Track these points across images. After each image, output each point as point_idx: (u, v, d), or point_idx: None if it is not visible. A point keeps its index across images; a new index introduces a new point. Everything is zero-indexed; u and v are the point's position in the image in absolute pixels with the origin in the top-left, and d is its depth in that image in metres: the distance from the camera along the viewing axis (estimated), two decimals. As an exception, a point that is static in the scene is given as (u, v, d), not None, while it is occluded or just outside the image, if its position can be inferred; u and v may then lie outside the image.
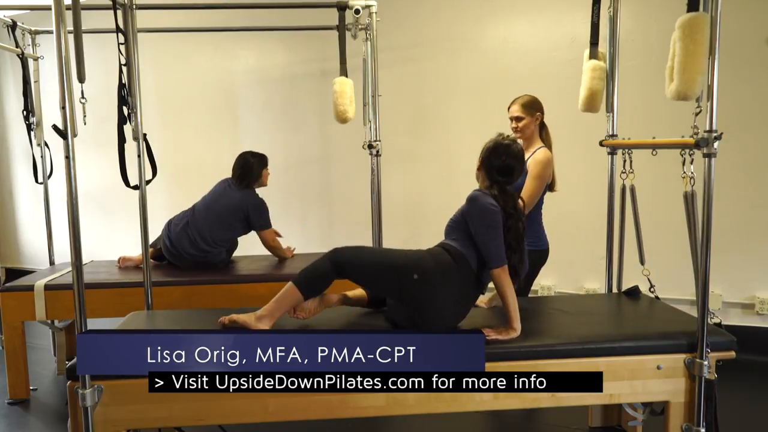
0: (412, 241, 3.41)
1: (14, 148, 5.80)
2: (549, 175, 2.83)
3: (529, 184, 2.80)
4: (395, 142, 4.28)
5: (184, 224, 3.34)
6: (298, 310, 2.21)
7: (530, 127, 2.89)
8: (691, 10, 1.92)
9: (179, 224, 3.37)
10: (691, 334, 2.07)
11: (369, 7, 3.26)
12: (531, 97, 2.91)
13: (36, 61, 3.79)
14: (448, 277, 2.11)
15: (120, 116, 2.54)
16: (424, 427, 2.85)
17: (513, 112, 2.92)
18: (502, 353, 2.04)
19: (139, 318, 2.51)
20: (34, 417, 3.01)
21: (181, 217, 3.42)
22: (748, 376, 3.32)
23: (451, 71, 4.32)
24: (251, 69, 4.93)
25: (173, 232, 3.35)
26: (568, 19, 3.94)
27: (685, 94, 1.91)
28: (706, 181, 1.93)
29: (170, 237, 3.35)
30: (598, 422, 2.77)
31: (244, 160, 3.43)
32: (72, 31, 1.98)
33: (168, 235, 3.37)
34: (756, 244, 3.61)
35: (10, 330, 3.07)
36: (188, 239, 3.31)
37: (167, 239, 3.36)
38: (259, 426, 2.45)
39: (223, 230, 3.35)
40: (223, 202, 3.38)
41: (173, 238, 3.33)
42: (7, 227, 5.98)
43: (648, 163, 2.68)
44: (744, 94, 3.50)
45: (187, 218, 3.37)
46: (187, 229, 3.33)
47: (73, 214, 1.89)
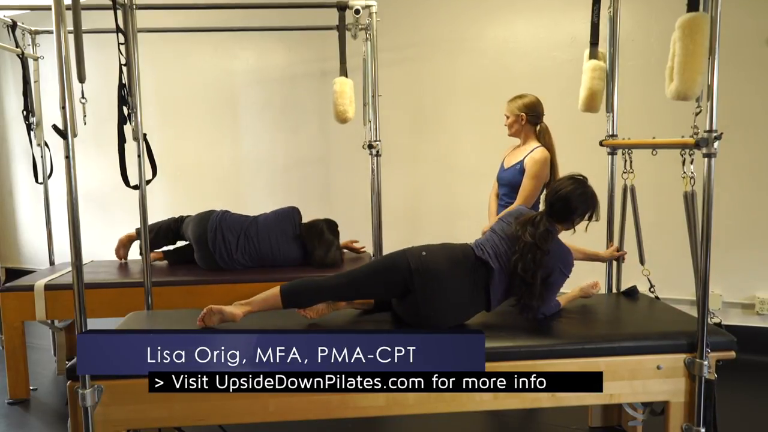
0: (412, 241, 3.40)
1: (14, 148, 5.79)
2: (546, 174, 2.86)
3: (526, 183, 2.84)
4: (395, 142, 4.28)
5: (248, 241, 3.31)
6: (307, 310, 2.24)
7: (514, 127, 2.97)
8: (691, 10, 1.92)
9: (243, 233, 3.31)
10: (691, 334, 2.07)
11: (369, 7, 3.26)
12: (523, 98, 2.95)
13: (36, 61, 3.79)
14: (460, 270, 2.14)
15: (120, 116, 2.54)
16: (424, 427, 2.85)
17: (505, 110, 3.01)
18: (502, 353, 2.05)
19: (139, 318, 2.51)
20: (34, 417, 3.01)
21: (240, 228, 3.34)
22: (748, 376, 3.32)
23: (450, 71, 4.32)
24: (251, 69, 4.93)
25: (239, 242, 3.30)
26: (568, 19, 3.94)
27: (685, 94, 1.91)
28: (706, 181, 1.93)
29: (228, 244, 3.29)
30: (598, 422, 2.77)
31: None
32: (72, 31, 1.98)
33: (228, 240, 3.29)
34: (756, 244, 3.61)
35: (10, 330, 3.07)
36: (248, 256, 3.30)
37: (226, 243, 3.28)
38: (259, 426, 2.45)
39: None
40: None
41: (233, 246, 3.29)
42: (7, 227, 5.98)
43: (648, 163, 2.68)
44: (744, 94, 3.50)
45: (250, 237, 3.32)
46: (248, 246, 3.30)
47: (73, 214, 1.89)
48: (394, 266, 2.16)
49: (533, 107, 2.92)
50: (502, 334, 2.15)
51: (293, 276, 3.17)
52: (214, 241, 3.25)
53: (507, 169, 3.01)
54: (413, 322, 2.18)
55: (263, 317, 2.25)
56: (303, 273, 3.24)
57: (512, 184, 2.93)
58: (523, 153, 2.94)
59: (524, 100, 2.93)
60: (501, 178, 3.05)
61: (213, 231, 3.27)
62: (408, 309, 2.18)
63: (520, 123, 2.94)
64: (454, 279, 2.13)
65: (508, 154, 3.10)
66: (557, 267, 2.19)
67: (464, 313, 2.20)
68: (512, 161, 3.00)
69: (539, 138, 2.94)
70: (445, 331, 2.13)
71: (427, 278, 2.10)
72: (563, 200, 2.21)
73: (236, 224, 3.32)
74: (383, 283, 2.18)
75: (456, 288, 2.13)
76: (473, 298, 2.18)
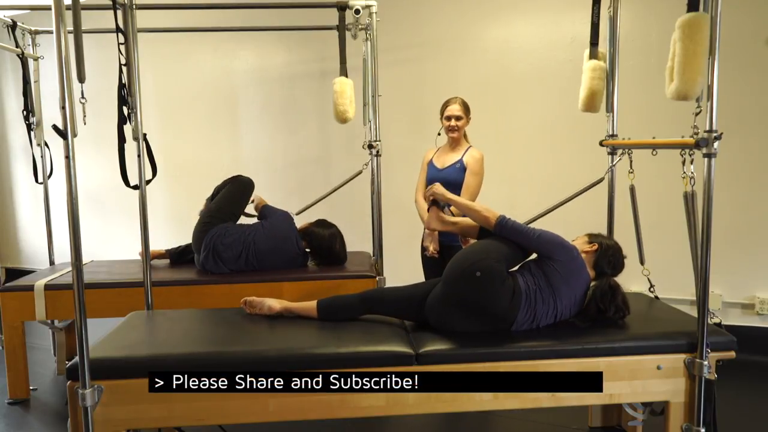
0: (412, 241, 3.41)
1: (14, 148, 5.79)
2: (484, 172, 3.10)
3: (471, 180, 3.05)
4: (395, 142, 4.28)
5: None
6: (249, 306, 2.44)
7: (464, 128, 3.14)
8: (691, 10, 1.92)
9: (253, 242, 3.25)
10: (691, 334, 2.07)
11: (369, 7, 3.26)
12: (462, 99, 3.13)
13: (36, 61, 3.79)
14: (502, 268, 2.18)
15: (120, 116, 2.54)
16: (424, 427, 2.85)
17: (454, 111, 3.10)
18: (502, 353, 2.04)
19: (139, 318, 2.51)
20: (34, 417, 3.01)
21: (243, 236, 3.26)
22: (748, 376, 3.32)
23: (451, 71, 4.31)
24: (251, 69, 4.93)
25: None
26: (568, 19, 3.94)
27: (685, 94, 1.91)
28: (706, 181, 1.93)
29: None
30: (598, 422, 2.77)
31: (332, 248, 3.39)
32: (72, 31, 1.97)
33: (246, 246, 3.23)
34: (756, 244, 3.61)
35: (10, 330, 3.07)
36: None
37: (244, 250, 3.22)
38: (259, 426, 2.45)
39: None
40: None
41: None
42: (7, 227, 5.98)
43: (648, 163, 2.68)
44: (744, 94, 3.50)
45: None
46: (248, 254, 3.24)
47: (73, 214, 1.89)
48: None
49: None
50: (501, 334, 2.15)
51: (294, 276, 3.20)
52: (206, 260, 3.18)
53: (444, 169, 3.14)
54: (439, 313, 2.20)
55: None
56: (304, 273, 3.25)
57: (454, 183, 3.04)
58: (459, 152, 3.11)
59: (464, 101, 3.12)
60: (436, 178, 3.05)
61: (207, 251, 3.18)
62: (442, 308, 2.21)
63: (467, 124, 3.13)
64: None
65: (436, 156, 3.24)
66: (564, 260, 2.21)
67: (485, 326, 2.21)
68: (448, 161, 3.15)
69: (466, 138, 3.17)
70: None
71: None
72: (617, 258, 2.31)
73: (234, 243, 3.19)
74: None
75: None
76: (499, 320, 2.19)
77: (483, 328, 2.17)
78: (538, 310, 2.16)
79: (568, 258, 2.18)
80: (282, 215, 3.39)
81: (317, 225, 3.44)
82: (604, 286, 2.20)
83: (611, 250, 2.29)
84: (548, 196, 2.90)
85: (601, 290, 2.19)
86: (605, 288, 2.20)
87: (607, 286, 2.20)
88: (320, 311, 2.34)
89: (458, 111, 3.08)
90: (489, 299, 2.12)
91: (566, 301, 2.18)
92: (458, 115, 3.08)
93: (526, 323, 2.17)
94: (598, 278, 2.24)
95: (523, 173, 4.15)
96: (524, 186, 4.17)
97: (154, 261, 3.42)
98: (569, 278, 2.17)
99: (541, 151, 4.08)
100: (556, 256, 2.18)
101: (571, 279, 2.18)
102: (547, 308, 2.17)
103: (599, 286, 2.20)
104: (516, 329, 2.17)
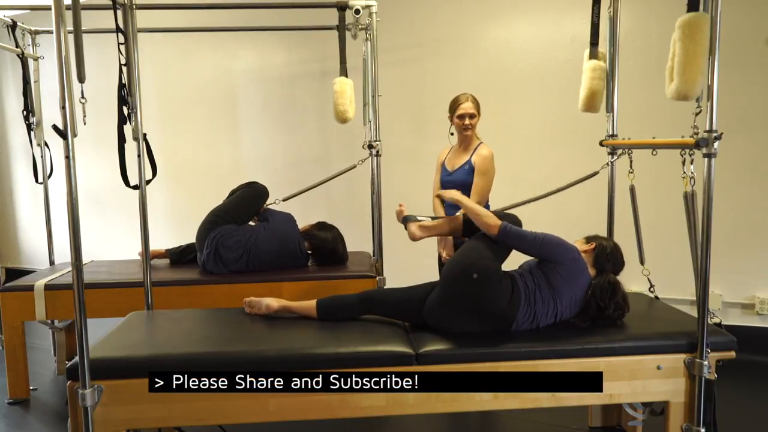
0: (412, 241, 3.41)
1: (14, 148, 5.79)
2: (494, 170, 2.98)
3: (479, 181, 2.92)
4: (395, 142, 4.28)
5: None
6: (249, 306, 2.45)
7: (476, 125, 3.02)
8: (691, 10, 1.92)
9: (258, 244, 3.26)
10: (691, 334, 2.07)
11: (369, 7, 3.26)
12: (474, 96, 3.03)
13: (36, 61, 3.79)
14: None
15: (120, 116, 2.54)
16: (424, 427, 2.85)
17: (467, 109, 2.98)
18: (502, 353, 2.05)
19: (139, 318, 2.51)
20: (34, 417, 3.01)
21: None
22: (748, 376, 3.32)
23: (451, 71, 4.31)
24: (251, 69, 4.93)
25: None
26: (568, 19, 3.94)
27: (685, 94, 1.91)
28: (706, 181, 1.93)
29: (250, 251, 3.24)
30: (598, 422, 2.76)
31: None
32: (72, 31, 1.97)
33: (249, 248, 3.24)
34: (756, 244, 3.61)
35: (10, 330, 3.07)
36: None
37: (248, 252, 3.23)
38: (259, 426, 2.45)
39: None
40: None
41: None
42: (7, 227, 5.98)
43: (648, 163, 2.68)
44: (744, 94, 3.50)
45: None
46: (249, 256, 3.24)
47: (73, 214, 1.89)
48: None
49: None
50: (501, 334, 2.15)
51: (294, 276, 3.20)
52: (207, 259, 3.18)
53: (453, 172, 3.04)
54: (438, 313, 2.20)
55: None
56: (304, 273, 3.25)
57: (464, 185, 2.93)
58: (469, 152, 2.99)
59: (474, 97, 3.01)
60: (446, 182, 3.04)
61: (209, 251, 3.17)
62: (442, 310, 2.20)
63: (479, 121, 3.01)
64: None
65: (448, 158, 3.12)
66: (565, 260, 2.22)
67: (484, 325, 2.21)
68: (458, 163, 3.03)
69: (476, 135, 3.03)
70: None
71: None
72: (616, 255, 2.33)
73: (236, 246, 3.18)
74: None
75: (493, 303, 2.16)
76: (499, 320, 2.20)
77: (483, 328, 2.17)
78: (537, 309, 2.16)
79: (571, 259, 2.19)
80: (284, 217, 3.39)
81: (318, 228, 3.44)
82: (603, 283, 2.20)
83: (609, 247, 2.30)
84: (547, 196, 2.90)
85: (601, 287, 2.19)
86: (605, 285, 2.20)
87: (607, 282, 2.20)
88: (320, 311, 2.34)
89: (471, 109, 2.97)
90: (487, 299, 2.12)
91: (566, 302, 2.18)
92: (472, 113, 2.97)
93: (525, 323, 2.17)
94: (599, 276, 2.25)
95: (523, 173, 4.15)
96: (524, 186, 4.15)
97: (154, 261, 3.42)
98: (570, 279, 2.17)
99: (541, 151, 4.07)
100: (560, 258, 2.18)
101: (572, 280, 2.18)
102: (547, 308, 2.17)
103: (599, 282, 2.20)
104: (516, 329, 2.17)
